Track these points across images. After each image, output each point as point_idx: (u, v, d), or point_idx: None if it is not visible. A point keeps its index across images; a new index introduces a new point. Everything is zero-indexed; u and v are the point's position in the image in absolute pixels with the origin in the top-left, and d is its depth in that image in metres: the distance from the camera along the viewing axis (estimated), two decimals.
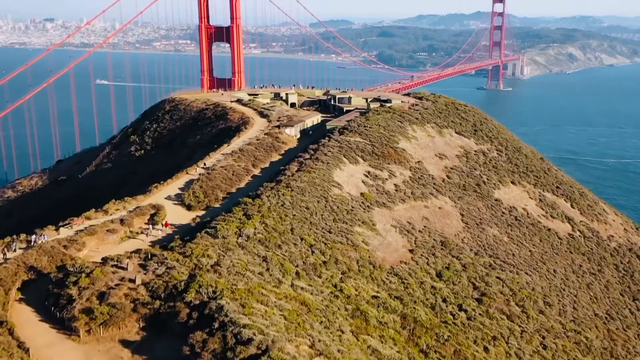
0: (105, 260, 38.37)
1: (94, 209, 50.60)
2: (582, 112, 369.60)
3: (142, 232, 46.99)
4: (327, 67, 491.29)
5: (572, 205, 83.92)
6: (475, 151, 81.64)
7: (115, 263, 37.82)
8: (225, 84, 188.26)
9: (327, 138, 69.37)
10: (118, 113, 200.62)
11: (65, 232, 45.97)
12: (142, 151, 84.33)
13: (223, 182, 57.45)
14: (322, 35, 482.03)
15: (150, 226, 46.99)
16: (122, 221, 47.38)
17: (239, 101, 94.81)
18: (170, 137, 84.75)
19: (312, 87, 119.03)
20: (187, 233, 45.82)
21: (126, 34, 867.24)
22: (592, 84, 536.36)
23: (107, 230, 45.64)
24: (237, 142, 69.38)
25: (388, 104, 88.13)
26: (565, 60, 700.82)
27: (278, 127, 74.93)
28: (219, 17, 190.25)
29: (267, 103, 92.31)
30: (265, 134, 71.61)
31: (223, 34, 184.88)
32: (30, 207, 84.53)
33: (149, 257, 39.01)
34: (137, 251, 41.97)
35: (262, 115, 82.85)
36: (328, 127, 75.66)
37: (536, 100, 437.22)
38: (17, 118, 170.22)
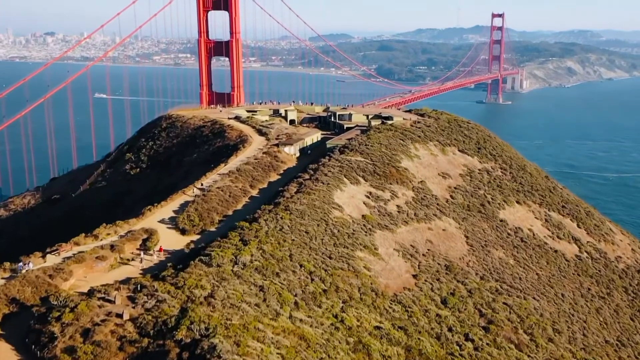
0: (91, 292, 36.14)
1: (83, 234, 48.41)
2: (582, 126, 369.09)
3: (133, 259, 44.79)
4: (327, 80, 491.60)
5: (578, 225, 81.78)
6: (479, 170, 79.67)
7: (103, 295, 35.59)
8: (224, 98, 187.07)
9: (327, 157, 67.41)
10: (117, 127, 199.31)
11: (52, 260, 43.74)
12: (138, 169, 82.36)
13: (219, 204, 55.34)
14: (321, 49, 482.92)
15: (142, 253, 44.76)
16: (112, 247, 45.18)
17: (237, 118, 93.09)
18: (167, 155, 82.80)
19: (312, 104, 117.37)
20: (180, 260, 43.60)
21: (126, 48, 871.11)
22: (591, 97, 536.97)
23: (96, 257, 43.42)
24: (234, 162, 67.40)
25: (389, 121, 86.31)
26: (564, 74, 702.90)
27: (277, 145, 73.02)
28: (219, 31, 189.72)
29: (266, 120, 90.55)
30: (263, 152, 69.66)
31: (222, 49, 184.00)
32: (21, 227, 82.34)
33: (139, 288, 36.78)
34: (127, 281, 39.76)
35: (260, 133, 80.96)
36: (328, 146, 73.77)
37: (536, 114, 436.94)
38: (14, 133, 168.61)
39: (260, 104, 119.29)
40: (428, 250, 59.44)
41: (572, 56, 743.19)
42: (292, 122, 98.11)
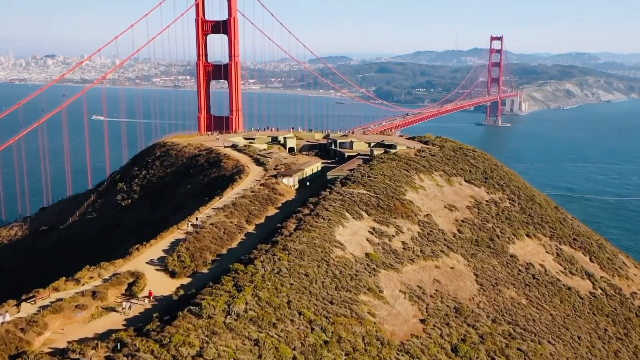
0: (65, 352, 32.28)
1: (64, 278, 44.54)
2: (581, 149, 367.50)
3: (117, 308, 40.91)
4: (326, 102, 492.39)
5: (591, 259, 78.00)
6: (486, 201, 76.19)
7: (77, 357, 31.73)
8: (222, 122, 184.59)
9: (328, 190, 63.94)
10: (114, 150, 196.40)
11: (27, 309, 39.88)
12: (129, 200, 78.75)
13: (213, 242, 51.65)
14: (320, 72, 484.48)
15: (124, 303, 40.84)
16: (94, 294, 41.33)
17: (234, 147, 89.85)
18: (160, 186, 79.25)
19: (312, 130, 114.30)
20: (167, 309, 39.72)
21: (126, 70, 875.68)
22: (590, 120, 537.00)
23: (76, 306, 39.55)
24: (230, 194, 63.89)
25: (393, 150, 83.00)
26: (563, 96, 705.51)
27: (275, 176, 69.55)
28: (217, 52, 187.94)
29: (264, 149, 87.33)
30: (261, 184, 66.19)
31: (221, 72, 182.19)
32: (7, 260, 78.49)
33: (118, 347, 32.91)
34: (108, 334, 35.94)
35: (258, 162, 77.54)
36: (329, 177, 70.38)
37: (535, 136, 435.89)
38: (7, 157, 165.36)
39: (259, 130, 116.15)
40: (436, 290, 55.58)
41: (570, 79, 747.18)
42: (291, 150, 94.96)
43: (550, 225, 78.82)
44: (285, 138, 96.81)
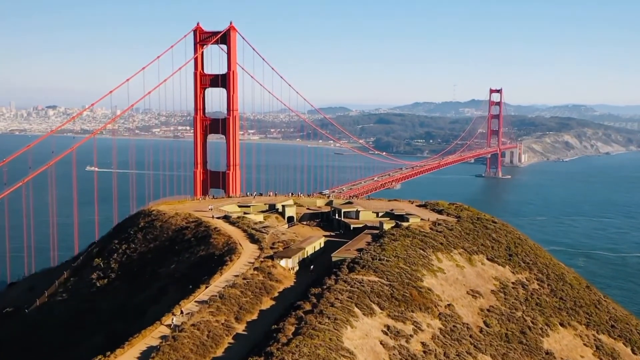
0: None
1: None
2: (584, 203, 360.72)
3: None
4: (325, 153, 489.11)
5: (633, 350, 67.88)
6: (513, 283, 66.83)
7: None
8: (219, 177, 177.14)
9: (333, 277, 54.68)
10: (104, 204, 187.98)
11: None
12: (105, 280, 69.11)
13: (193, 351, 42.04)
14: (320, 122, 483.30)
15: None
16: None
17: (226, 218, 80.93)
18: (141, 264, 69.67)
19: (312, 194, 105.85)
20: None
21: (127, 121, 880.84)
22: (590, 172, 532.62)
23: None
24: (218, 282, 54.53)
25: (405, 223, 74.04)
26: (562, 148, 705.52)
27: (271, 257, 60.43)
28: (215, 104, 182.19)
29: (260, 222, 78.38)
30: (254, 268, 56.92)
31: (219, 126, 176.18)
32: None
33: None
34: None
35: (252, 239, 68.19)
36: (334, 259, 61.23)
37: (536, 188, 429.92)
38: None
39: (255, 197, 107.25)
40: None
41: (568, 130, 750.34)
42: (290, 219, 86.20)
43: (585, 310, 69.14)
44: (283, 206, 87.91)
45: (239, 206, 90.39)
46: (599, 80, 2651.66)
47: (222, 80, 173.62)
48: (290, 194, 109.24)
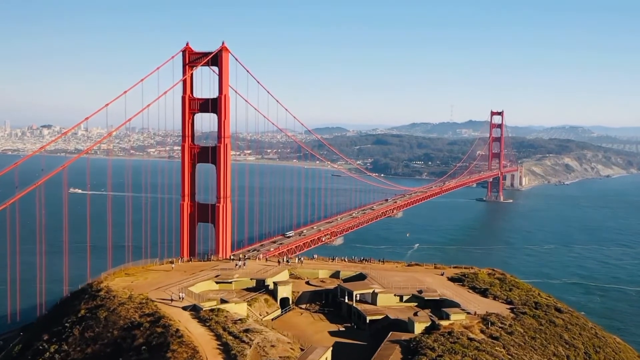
0: None
1: None
2: (592, 229, 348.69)
3: None
4: (322, 174, 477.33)
5: None
6: None
7: None
8: (208, 210, 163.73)
9: None
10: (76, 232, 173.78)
11: None
12: None
13: None
14: (317, 142, 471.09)
15: None
16: None
17: (195, 310, 61.02)
18: None
19: (314, 257, 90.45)
20: None
21: (121, 140, 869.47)
22: (594, 196, 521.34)
23: None
24: None
25: (444, 321, 54.85)
26: (562, 170, 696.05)
27: None
28: (205, 124, 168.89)
29: (241, 321, 57.36)
30: None
31: (209, 155, 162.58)
32: None
33: None
34: None
35: (228, 354, 49.06)
36: None
37: (540, 213, 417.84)
38: None
39: (240, 265, 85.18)
40: None
41: (568, 152, 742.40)
42: (284, 301, 69.36)
43: None
44: (275, 284, 69.59)
45: (217, 282, 72.53)
46: (594, 101, 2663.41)
47: (213, 105, 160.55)
48: (285, 260, 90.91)
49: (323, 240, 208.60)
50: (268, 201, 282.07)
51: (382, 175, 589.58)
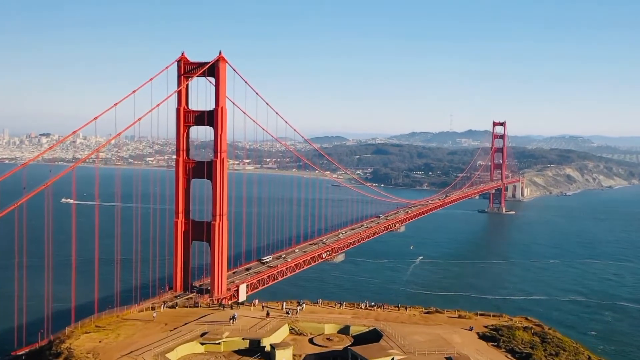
0: None
1: None
2: (597, 243, 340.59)
3: None
4: (322, 184, 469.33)
5: None
6: None
7: None
8: (203, 228, 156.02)
9: None
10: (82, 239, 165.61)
11: None
12: None
13: None
14: (317, 152, 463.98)
15: None
16: None
17: None
18: None
19: (319, 302, 79.80)
20: None
21: (120, 149, 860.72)
22: (598, 208, 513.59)
23: None
24: None
25: None
26: (564, 181, 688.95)
27: None
28: (201, 133, 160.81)
29: None
30: None
31: (204, 170, 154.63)
32: None
33: None
34: None
35: None
36: None
37: (543, 225, 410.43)
38: None
39: (231, 321, 73.06)
40: None
41: (569, 163, 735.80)
42: None
43: None
44: (273, 347, 58.46)
45: (203, 344, 61.38)
46: (592, 111, 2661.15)
47: (209, 118, 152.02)
48: (285, 311, 78.09)
49: (324, 257, 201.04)
50: (265, 212, 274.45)
51: (383, 185, 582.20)
